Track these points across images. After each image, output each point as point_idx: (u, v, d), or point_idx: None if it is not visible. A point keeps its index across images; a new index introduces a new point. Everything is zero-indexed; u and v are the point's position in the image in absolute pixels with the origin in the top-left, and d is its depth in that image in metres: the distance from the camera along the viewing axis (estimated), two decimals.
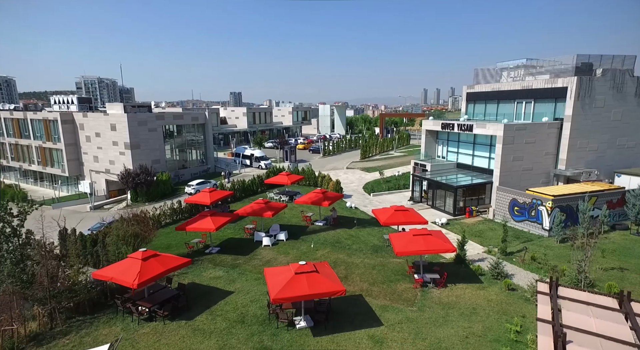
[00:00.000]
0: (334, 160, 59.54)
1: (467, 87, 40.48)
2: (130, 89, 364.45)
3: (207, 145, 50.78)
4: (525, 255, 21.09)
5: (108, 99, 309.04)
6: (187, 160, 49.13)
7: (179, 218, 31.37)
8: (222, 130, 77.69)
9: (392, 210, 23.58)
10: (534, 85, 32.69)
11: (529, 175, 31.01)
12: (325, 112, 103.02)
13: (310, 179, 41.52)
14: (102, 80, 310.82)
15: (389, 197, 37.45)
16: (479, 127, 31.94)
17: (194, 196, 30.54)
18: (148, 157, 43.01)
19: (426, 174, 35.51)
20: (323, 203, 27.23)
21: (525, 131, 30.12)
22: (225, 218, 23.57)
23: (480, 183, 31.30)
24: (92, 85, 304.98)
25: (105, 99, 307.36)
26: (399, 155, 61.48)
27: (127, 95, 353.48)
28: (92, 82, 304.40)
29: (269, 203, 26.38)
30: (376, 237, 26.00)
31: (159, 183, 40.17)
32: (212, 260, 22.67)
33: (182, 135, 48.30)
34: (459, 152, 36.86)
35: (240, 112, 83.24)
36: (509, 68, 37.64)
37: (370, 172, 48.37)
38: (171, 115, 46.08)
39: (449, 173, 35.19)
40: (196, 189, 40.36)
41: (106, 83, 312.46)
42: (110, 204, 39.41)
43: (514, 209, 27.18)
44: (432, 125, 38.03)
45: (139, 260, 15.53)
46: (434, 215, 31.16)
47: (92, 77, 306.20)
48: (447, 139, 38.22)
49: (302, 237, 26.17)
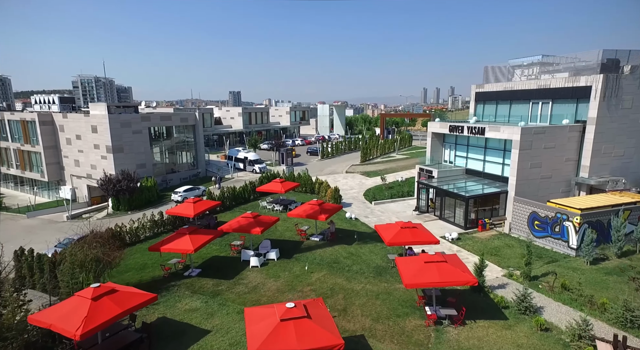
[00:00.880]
0: (333, 163, 56.53)
1: (476, 86, 37.48)
2: (127, 88, 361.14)
3: (198, 148, 47.72)
4: (554, 282, 18.07)
5: (105, 98, 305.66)
6: (176, 164, 46.07)
7: (161, 231, 28.35)
8: (216, 131, 74.60)
9: (398, 227, 20.56)
10: (552, 84, 29.67)
11: (548, 184, 28.01)
12: (324, 112, 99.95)
13: (306, 185, 38.51)
14: (99, 79, 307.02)
15: (391, 205, 34.43)
16: (492, 130, 28.93)
17: (176, 207, 27.52)
18: (132, 161, 39.96)
19: (433, 181, 32.50)
20: (319, 216, 24.20)
21: (544, 135, 27.11)
22: (207, 236, 20.53)
23: (494, 193, 28.29)
24: (89, 84, 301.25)
25: (102, 98, 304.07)
26: (401, 158, 58.45)
27: (124, 94, 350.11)
28: (88, 81, 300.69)
29: (258, 217, 23.34)
30: (379, 256, 22.99)
31: (143, 189, 37.13)
32: (191, 285, 19.64)
33: (170, 138, 45.23)
34: (468, 157, 33.84)
35: (236, 112, 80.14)
36: (523, 66, 34.62)
37: (371, 177, 45.34)
38: (158, 116, 43.02)
39: (458, 180, 32.19)
40: (183, 197, 37.34)
41: (103, 82, 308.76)
42: (89, 213, 36.34)
43: (534, 223, 24.18)
44: (438, 127, 35.01)
45: (87, 300, 12.51)
46: (442, 228, 28.17)
47: (88, 76, 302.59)
48: (455, 143, 35.21)
49: (296, 256, 23.15)
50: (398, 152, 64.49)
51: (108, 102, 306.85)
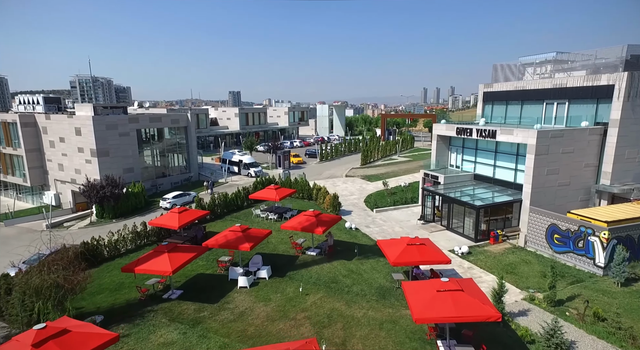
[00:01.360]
0: (332, 165, 54.21)
1: (484, 85, 35.19)
2: (126, 88, 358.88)
3: (190, 151, 45.40)
4: (585, 310, 15.74)
5: (103, 98, 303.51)
6: (167, 168, 43.75)
7: (144, 243, 26.03)
8: (212, 133, 72.26)
9: (404, 243, 18.25)
10: (569, 83, 27.36)
11: (565, 192, 25.71)
12: (324, 113, 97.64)
13: (303, 191, 36.19)
14: (97, 80, 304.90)
15: (394, 213, 32.11)
16: (504, 133, 26.61)
17: (159, 218, 25.18)
18: (119, 166, 37.65)
19: (439, 187, 30.19)
20: (316, 230, 21.87)
21: (562, 138, 24.80)
22: (188, 255, 18.21)
23: (507, 202, 25.96)
24: (87, 84, 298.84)
25: (100, 99, 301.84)
26: (403, 161, 56.13)
27: (123, 94, 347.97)
28: (86, 81, 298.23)
29: (248, 231, 21.01)
30: (382, 274, 20.68)
31: (130, 196, 34.80)
32: (170, 310, 17.31)
33: (161, 140, 42.91)
34: (476, 161, 31.52)
35: (232, 112, 77.80)
36: (535, 63, 32.32)
37: (372, 181, 43.01)
38: (147, 117, 40.70)
39: (466, 187, 29.89)
40: (172, 203, 35.03)
41: (101, 82, 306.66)
42: (72, 221, 34.01)
43: (553, 237, 21.86)
44: (444, 129, 32.70)
45: (28, 348, 10.19)
46: (450, 239, 25.86)
47: (86, 76, 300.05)
48: (462, 146, 32.89)
49: (290, 273, 20.83)
50: (400, 154, 62.19)
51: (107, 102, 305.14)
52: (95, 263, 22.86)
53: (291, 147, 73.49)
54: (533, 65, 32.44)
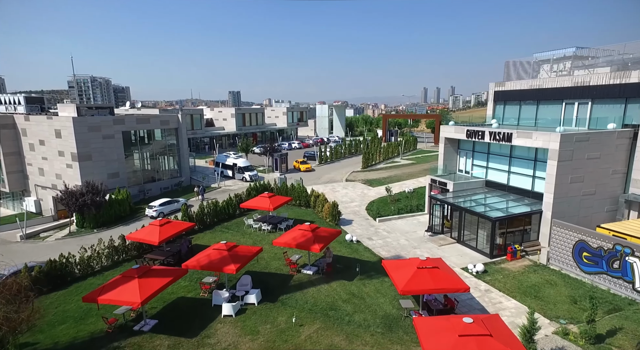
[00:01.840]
0: (332, 169, 51.63)
1: (495, 84, 32.60)
2: (124, 88, 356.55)
3: (181, 154, 42.83)
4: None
5: (101, 98, 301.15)
6: (156, 172, 41.17)
7: (122, 259, 23.47)
8: (207, 134, 69.67)
9: (413, 267, 15.68)
10: (592, 80, 24.78)
11: (590, 202, 23.14)
12: (323, 113, 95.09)
13: (300, 198, 33.63)
14: (95, 79, 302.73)
15: (399, 223, 29.52)
16: (521, 137, 24.02)
17: (138, 232, 22.61)
18: (103, 170, 35.10)
19: (448, 195, 27.63)
20: (312, 247, 19.29)
21: (588, 143, 22.23)
22: (163, 280, 15.64)
23: (526, 213, 23.36)
24: (85, 84, 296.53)
25: (99, 99, 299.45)
26: (406, 164, 53.53)
27: (121, 94, 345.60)
28: (84, 80, 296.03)
29: (235, 249, 18.44)
30: (388, 299, 18.11)
31: (113, 203, 32.23)
32: (139, 347, 14.74)
33: (149, 143, 40.35)
34: (488, 166, 28.95)
35: (229, 113, 75.22)
36: (552, 60, 29.77)
37: (375, 187, 40.44)
38: (134, 118, 38.12)
39: (477, 194, 27.33)
40: (159, 212, 32.50)
41: (99, 82, 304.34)
42: (50, 231, 31.46)
43: (581, 255, 19.27)
44: (453, 132, 30.12)
45: None
46: (462, 254, 23.29)
47: (84, 76, 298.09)
48: (472, 150, 30.32)
49: (283, 298, 18.26)
50: (402, 156, 59.62)
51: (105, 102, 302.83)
52: (63, 284, 20.33)
53: (289, 148, 70.95)
54: (550, 62, 29.89)
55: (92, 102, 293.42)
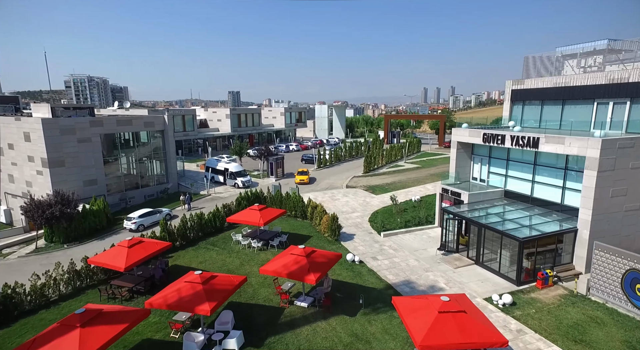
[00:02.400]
0: (331, 173, 48.27)
1: (512, 82, 29.24)
2: (123, 88, 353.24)
3: (168, 158, 39.46)
4: None
5: (99, 98, 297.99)
6: (141, 178, 37.79)
7: (86, 285, 20.11)
8: (200, 135, 66.26)
9: (434, 311, 12.30)
10: (632, 77, 21.44)
11: (635, 218, 19.82)
12: (323, 113, 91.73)
13: (296, 208, 30.30)
14: (92, 79, 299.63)
15: (406, 238, 26.17)
16: (551, 143, 20.66)
17: (102, 255, 19.26)
18: (78, 177, 31.75)
19: (462, 207, 24.28)
20: (307, 277, 15.92)
21: (632, 150, 18.90)
22: (116, 329, 12.25)
23: (558, 232, 19.99)
24: (82, 84, 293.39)
25: (96, 99, 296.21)
26: (410, 168, 50.15)
27: (119, 94, 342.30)
28: (81, 80, 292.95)
29: (212, 281, 15.08)
30: (399, 343, 14.74)
31: (87, 214, 28.87)
32: None
33: (131, 146, 36.99)
34: (508, 175, 25.60)
35: (223, 113, 71.82)
36: (580, 54, 26.43)
37: (378, 194, 37.08)
38: (114, 120, 34.74)
39: (496, 206, 24.01)
40: (138, 224, 29.16)
41: (96, 82, 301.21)
42: (14, 246, 28.08)
43: (634, 286, 15.92)
44: (467, 135, 26.76)
45: None
46: (483, 280, 19.93)
47: (81, 76, 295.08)
48: (488, 156, 26.98)
49: (270, 340, 14.91)
50: (406, 159, 56.24)
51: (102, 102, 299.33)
52: (8, 319, 16.96)
53: (287, 150, 67.63)
54: (577, 56, 26.55)
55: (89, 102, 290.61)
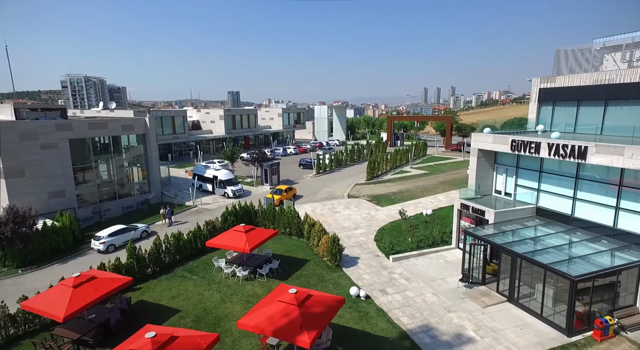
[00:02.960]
0: (331, 180, 44.27)
1: (541, 79, 25.23)
2: (120, 88, 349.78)
3: (150, 165, 35.47)
4: None
5: (96, 98, 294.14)
6: (121, 186, 33.81)
7: (23, 332, 16.09)
8: (191, 138, 62.23)
9: None
10: None
11: None
12: (323, 114, 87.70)
13: (291, 225, 26.34)
14: (89, 79, 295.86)
15: (420, 263, 22.18)
16: (604, 153, 16.62)
17: (38, 298, 15.23)
18: (42, 189, 27.78)
19: (487, 229, 20.31)
20: (299, 338, 11.87)
21: None
22: None
23: (623, 267, 15.93)
24: (79, 84, 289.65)
25: (93, 99, 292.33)
26: (418, 174, 46.12)
27: (117, 94, 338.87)
28: (78, 80, 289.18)
29: (175, 343, 11.07)
30: None
31: (48, 233, 24.88)
32: None
33: (107, 152, 33.01)
34: (540, 189, 21.62)
35: (217, 114, 67.78)
36: (625, 46, 22.42)
37: (384, 206, 33.06)
38: (85, 123, 30.74)
39: (529, 228, 20.07)
40: (108, 244, 25.21)
41: (93, 82, 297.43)
42: None
43: None
44: (490, 142, 22.77)
45: None
46: (522, 325, 15.90)
47: (78, 76, 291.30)
48: (515, 166, 22.99)
49: None
50: (412, 164, 52.19)
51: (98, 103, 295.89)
52: None
53: (284, 154, 63.63)
54: (621, 48, 22.54)
55: (85, 103, 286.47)
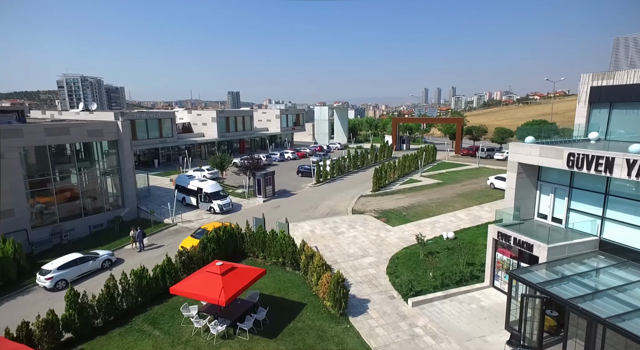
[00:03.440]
0: (333, 191, 39.43)
1: (592, 76, 20.38)
2: (118, 88, 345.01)
3: (123, 175, 30.65)
4: None
5: (92, 99, 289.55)
6: (91, 200, 28.99)
7: None
8: (180, 142, 57.33)
9: None
10: None
11: None
12: (323, 116, 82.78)
13: (285, 253, 21.47)
14: (86, 79, 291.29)
15: (448, 310, 17.30)
16: None
17: None
18: None
19: (540, 271, 15.42)
20: None
21: None
22: None
23: None
24: (75, 84, 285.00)
25: (90, 99, 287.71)
26: (430, 184, 41.19)
27: (114, 94, 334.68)
28: (74, 80, 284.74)
29: None
30: None
31: None
32: None
33: (71, 162, 28.21)
34: (605, 216, 16.73)
35: (209, 116, 62.88)
36: None
37: (395, 225, 28.20)
38: (41, 129, 25.93)
39: (603, 272, 15.16)
40: (57, 279, 20.41)
41: (90, 82, 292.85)
42: None
43: None
44: (537, 155, 17.89)
45: None
46: None
47: (74, 75, 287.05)
48: (568, 185, 18.12)
49: None
50: (422, 171, 47.29)
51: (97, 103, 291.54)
52: None
53: (281, 159, 58.76)
54: None
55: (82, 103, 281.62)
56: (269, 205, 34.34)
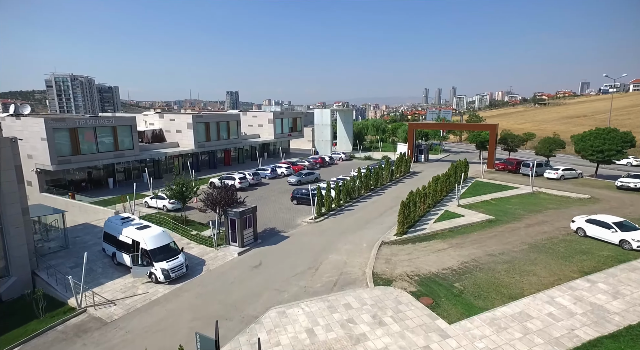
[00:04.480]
0: (340, 230, 27.70)
1: None
2: (111, 88, 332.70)
3: (4, 226, 18.91)
4: None
5: (83, 99, 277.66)
6: None
7: None
8: (145, 155, 45.35)
9: None
10: None
11: None
12: (324, 120, 70.70)
13: None
14: (76, 78, 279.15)
15: None
16: None
17: None
18: None
19: None
20: None
21: None
22: None
23: None
24: (64, 83, 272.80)
25: (80, 100, 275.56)
26: (478, 223, 29.10)
27: (107, 94, 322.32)
28: (63, 79, 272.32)
29: None
30: None
31: None
32: None
33: None
34: None
35: (184, 122, 50.95)
36: None
37: (452, 317, 16.29)
38: None
39: None
40: None
41: (80, 81, 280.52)
42: None
43: None
44: None
45: None
46: None
47: (63, 75, 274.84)
48: None
49: None
50: (460, 199, 35.19)
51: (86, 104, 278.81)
52: None
53: (272, 176, 46.83)
54: None
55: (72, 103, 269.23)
56: (245, 263, 22.67)
